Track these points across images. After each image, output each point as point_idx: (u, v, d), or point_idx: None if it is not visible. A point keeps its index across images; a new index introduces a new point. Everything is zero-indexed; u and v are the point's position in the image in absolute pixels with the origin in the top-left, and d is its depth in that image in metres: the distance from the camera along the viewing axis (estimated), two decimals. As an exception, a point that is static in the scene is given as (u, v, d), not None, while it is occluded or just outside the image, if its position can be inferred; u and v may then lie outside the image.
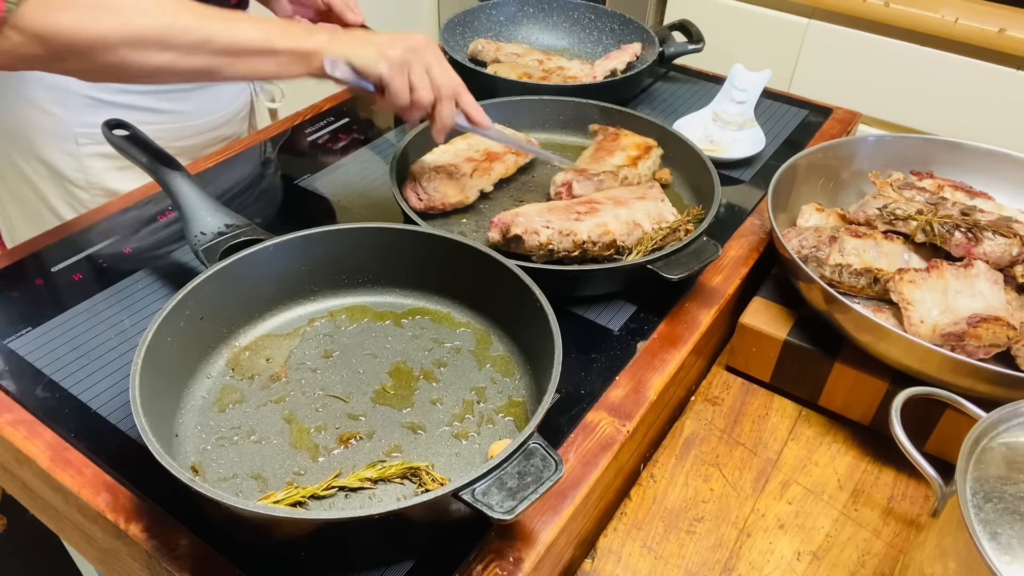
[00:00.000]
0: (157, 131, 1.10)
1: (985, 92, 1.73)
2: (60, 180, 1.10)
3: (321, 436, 0.70)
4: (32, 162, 1.09)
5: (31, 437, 0.71)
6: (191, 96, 1.13)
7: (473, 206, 1.00)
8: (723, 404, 0.91)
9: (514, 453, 0.58)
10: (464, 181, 0.98)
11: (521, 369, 0.77)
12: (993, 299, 0.81)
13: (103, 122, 0.87)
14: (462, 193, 0.98)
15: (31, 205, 1.13)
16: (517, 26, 1.48)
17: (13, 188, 1.13)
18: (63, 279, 0.89)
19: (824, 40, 1.87)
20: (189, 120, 1.15)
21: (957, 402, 0.70)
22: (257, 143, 1.16)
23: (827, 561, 0.75)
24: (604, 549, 0.76)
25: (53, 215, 1.13)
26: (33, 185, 1.11)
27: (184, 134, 1.15)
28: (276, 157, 1.15)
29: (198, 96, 1.14)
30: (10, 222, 1.19)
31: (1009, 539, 0.56)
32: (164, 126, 1.11)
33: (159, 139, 1.10)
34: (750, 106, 1.23)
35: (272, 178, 1.10)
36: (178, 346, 0.70)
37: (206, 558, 0.62)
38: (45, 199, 1.12)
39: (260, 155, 1.14)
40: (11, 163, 1.10)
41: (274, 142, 1.17)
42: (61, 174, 1.09)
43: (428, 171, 0.97)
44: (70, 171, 1.09)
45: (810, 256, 0.88)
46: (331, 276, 0.83)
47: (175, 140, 1.14)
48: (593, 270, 0.85)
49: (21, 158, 1.09)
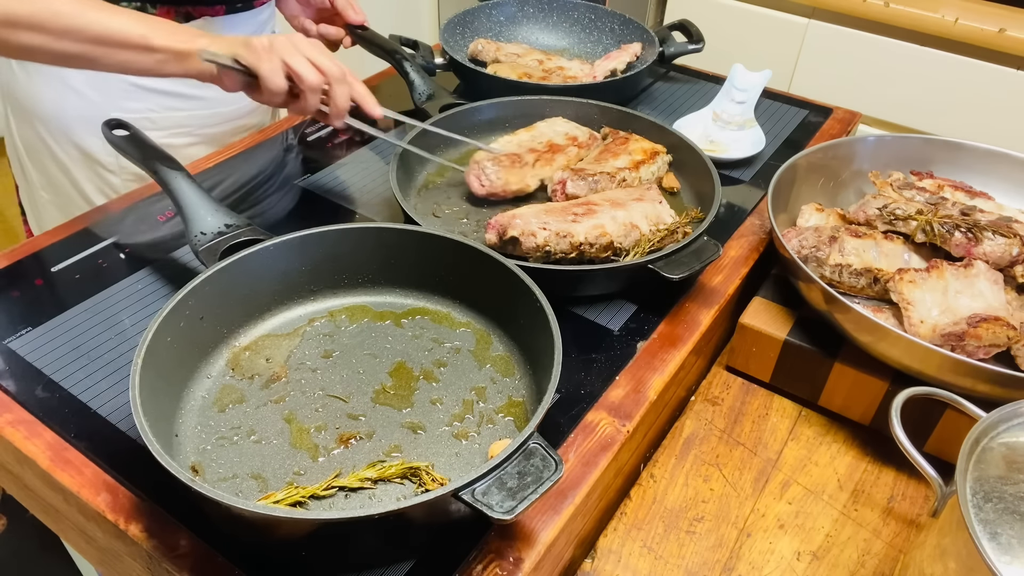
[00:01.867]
0: (186, 117, 1.13)
1: (985, 92, 1.73)
2: (92, 164, 1.11)
3: (321, 436, 0.70)
4: (66, 146, 1.10)
5: (31, 437, 0.71)
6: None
7: (473, 206, 1.00)
8: (723, 404, 0.91)
9: (514, 453, 0.58)
10: (526, 170, 1.01)
11: (521, 369, 0.77)
12: (993, 299, 0.81)
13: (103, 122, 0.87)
14: (523, 181, 1.00)
15: (62, 189, 1.15)
16: (517, 26, 1.48)
17: (46, 172, 1.15)
18: (63, 279, 0.89)
19: (824, 40, 1.87)
20: (218, 107, 1.16)
21: (957, 402, 0.70)
22: (257, 143, 1.16)
23: (827, 561, 0.75)
24: (604, 549, 0.76)
25: (84, 200, 1.14)
26: (65, 169, 1.13)
27: (212, 121, 1.16)
28: (276, 157, 1.15)
29: None
30: (38, 209, 1.21)
31: (1009, 539, 0.56)
32: (193, 112, 1.13)
33: (189, 125, 1.14)
34: (750, 106, 1.23)
35: (272, 178, 1.10)
36: (178, 346, 0.70)
37: (206, 558, 0.62)
38: (76, 183, 1.13)
39: (260, 155, 1.14)
40: (45, 147, 1.12)
41: (274, 142, 1.17)
42: (94, 158, 1.11)
43: (492, 158, 1.00)
44: (103, 155, 1.10)
45: (810, 256, 0.88)
46: (331, 276, 0.83)
47: (204, 127, 1.16)
48: (593, 270, 0.85)
49: (55, 142, 1.11)
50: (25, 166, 1.18)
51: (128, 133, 0.87)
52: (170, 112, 1.10)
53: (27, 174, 1.18)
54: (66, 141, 1.10)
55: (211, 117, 1.16)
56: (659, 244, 0.89)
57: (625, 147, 1.05)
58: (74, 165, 1.12)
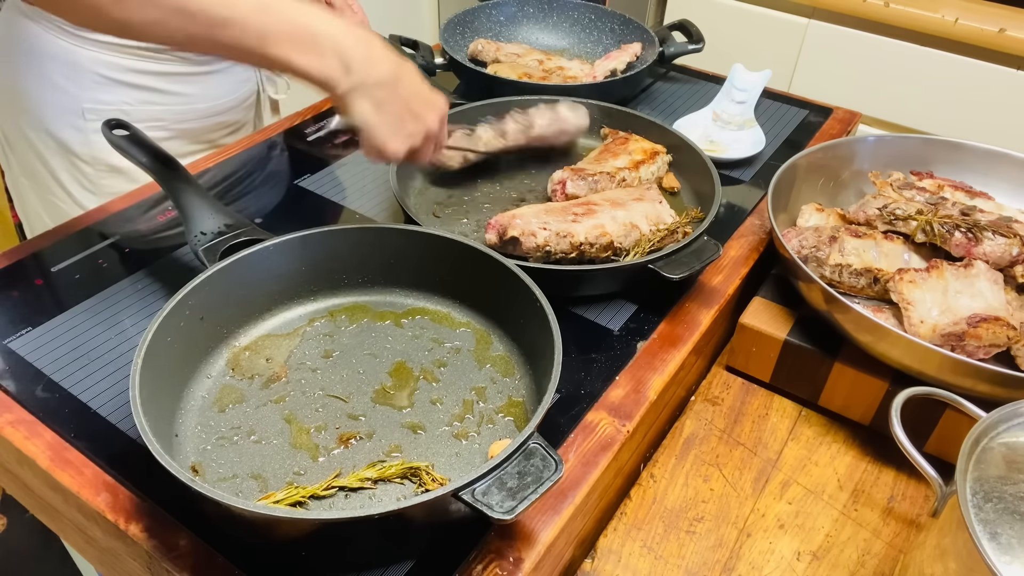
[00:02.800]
0: (162, 111, 1.12)
1: (985, 92, 1.73)
2: (67, 154, 1.11)
3: (321, 436, 0.70)
4: (42, 135, 1.11)
5: (31, 437, 0.71)
6: (197, 80, 1.14)
7: (474, 206, 1.00)
8: (723, 404, 0.91)
9: (514, 453, 0.58)
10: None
11: (521, 369, 0.77)
12: (993, 299, 0.81)
13: (103, 122, 0.87)
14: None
15: (40, 178, 1.15)
16: (517, 26, 1.48)
17: (25, 162, 1.16)
18: (63, 279, 0.89)
19: (824, 40, 1.87)
20: (194, 103, 1.15)
21: (957, 402, 0.70)
22: (257, 143, 1.16)
23: (827, 561, 0.75)
24: (604, 549, 0.76)
25: (61, 188, 1.14)
26: (43, 159, 1.13)
27: (188, 116, 1.16)
28: (276, 157, 1.15)
29: (204, 80, 1.15)
30: (21, 196, 1.22)
31: (1009, 539, 0.56)
32: (169, 107, 1.13)
33: (164, 119, 1.13)
34: (750, 106, 1.23)
35: (272, 178, 1.10)
36: (178, 346, 0.70)
37: (206, 558, 0.62)
38: (53, 172, 1.13)
39: (260, 155, 1.14)
40: (23, 136, 1.12)
41: (274, 142, 1.17)
42: (68, 148, 1.11)
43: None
44: (77, 146, 1.10)
45: (810, 256, 0.88)
46: (331, 276, 0.83)
47: (179, 122, 1.15)
48: (594, 270, 0.85)
49: (32, 131, 1.11)
50: (7, 154, 1.19)
51: (128, 133, 0.87)
52: (145, 106, 1.10)
53: (10, 161, 1.19)
54: (43, 132, 1.10)
55: (187, 112, 1.15)
56: (659, 244, 0.89)
57: (625, 147, 1.05)
58: (51, 155, 1.12)
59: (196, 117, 1.17)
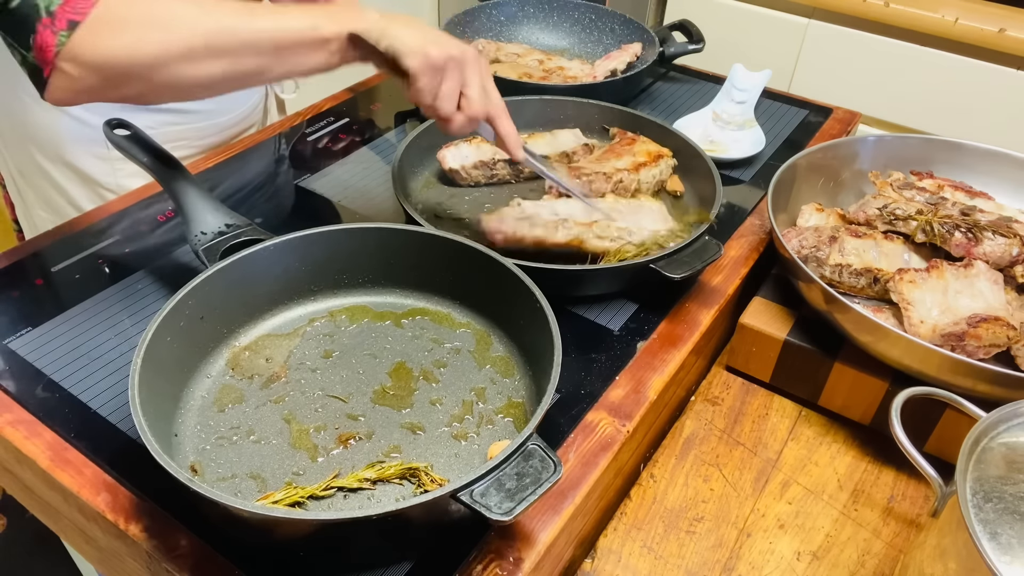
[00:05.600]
0: (185, 131, 1.12)
1: (985, 92, 1.73)
2: (91, 184, 1.10)
3: (320, 436, 0.70)
4: (60, 167, 1.09)
5: (31, 437, 0.71)
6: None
7: (474, 206, 1.00)
8: (723, 404, 0.91)
9: (513, 454, 0.58)
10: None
11: (521, 369, 0.77)
12: (993, 299, 0.81)
13: (104, 121, 0.87)
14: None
15: (59, 209, 1.13)
16: (517, 26, 1.48)
17: (43, 193, 1.13)
18: (63, 279, 0.89)
19: (824, 40, 1.87)
20: (215, 118, 1.15)
21: (957, 402, 0.70)
22: (257, 143, 1.16)
23: (827, 561, 0.75)
24: (604, 549, 0.76)
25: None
26: (62, 189, 1.11)
27: (210, 131, 1.16)
28: (276, 157, 1.15)
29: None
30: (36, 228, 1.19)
31: (1009, 539, 0.56)
32: (191, 125, 1.13)
33: (187, 138, 1.13)
34: (750, 106, 1.23)
35: (272, 178, 1.10)
36: (178, 346, 0.70)
37: (206, 558, 0.62)
38: (73, 202, 1.12)
39: (260, 155, 1.14)
40: (38, 168, 1.10)
41: (275, 142, 1.17)
42: (92, 179, 1.09)
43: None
44: (101, 175, 1.09)
45: (810, 256, 0.88)
46: (331, 276, 0.83)
47: (202, 138, 1.15)
48: (594, 270, 0.85)
49: (49, 163, 1.09)
50: (21, 188, 1.16)
51: (129, 133, 0.87)
52: (167, 127, 1.09)
53: (23, 195, 1.17)
54: (61, 163, 1.08)
55: (208, 128, 1.15)
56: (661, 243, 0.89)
57: (630, 148, 1.04)
58: (71, 186, 1.10)
59: (217, 131, 1.17)
